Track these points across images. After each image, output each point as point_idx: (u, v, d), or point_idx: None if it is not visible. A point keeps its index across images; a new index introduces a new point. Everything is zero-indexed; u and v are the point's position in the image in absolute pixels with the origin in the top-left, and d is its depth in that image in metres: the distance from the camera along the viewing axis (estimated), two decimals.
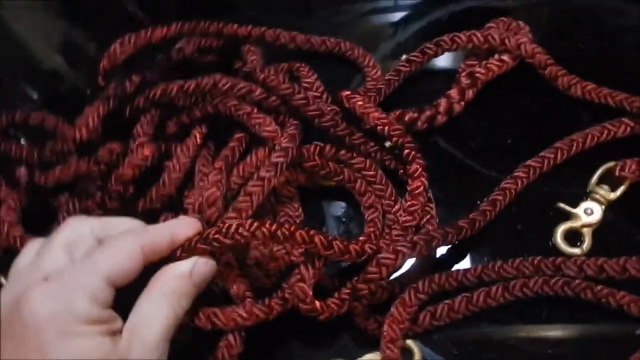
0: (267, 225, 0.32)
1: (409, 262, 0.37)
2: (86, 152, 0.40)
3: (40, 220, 0.41)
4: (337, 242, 0.34)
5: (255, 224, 0.32)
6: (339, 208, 0.41)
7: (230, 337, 0.33)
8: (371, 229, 0.38)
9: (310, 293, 0.34)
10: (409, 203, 0.37)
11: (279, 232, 0.32)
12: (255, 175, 0.35)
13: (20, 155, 0.40)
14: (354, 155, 0.39)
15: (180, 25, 0.42)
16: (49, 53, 0.52)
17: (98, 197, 0.37)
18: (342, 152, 0.39)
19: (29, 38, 0.52)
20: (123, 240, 0.29)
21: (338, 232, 0.40)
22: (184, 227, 0.31)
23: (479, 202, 0.39)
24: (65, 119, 0.42)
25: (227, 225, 0.32)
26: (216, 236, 0.32)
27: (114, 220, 0.31)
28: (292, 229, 0.33)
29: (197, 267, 0.31)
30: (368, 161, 0.39)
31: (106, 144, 0.38)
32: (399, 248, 0.34)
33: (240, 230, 0.32)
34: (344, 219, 0.41)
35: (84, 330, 0.27)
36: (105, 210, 0.36)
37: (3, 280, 0.40)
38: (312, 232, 0.33)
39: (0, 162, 0.43)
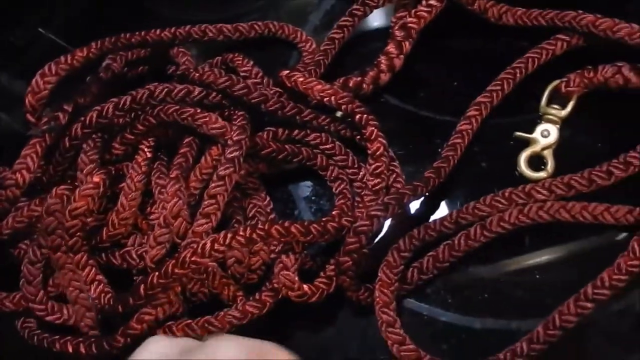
0: (241, 233, 0.32)
1: (387, 224, 0.37)
2: (35, 193, 0.38)
3: (6, 275, 0.40)
4: (315, 226, 0.34)
5: (230, 235, 0.31)
6: (305, 188, 0.41)
7: None
8: (342, 201, 0.38)
9: (296, 279, 0.34)
10: (373, 166, 0.37)
11: (254, 235, 0.32)
12: (215, 176, 0.34)
13: None
14: (308, 132, 0.39)
15: (100, 43, 0.41)
16: None
17: (58, 239, 0.35)
18: (296, 131, 0.39)
19: None
20: None
21: (310, 211, 0.40)
22: None
23: (440, 150, 0.39)
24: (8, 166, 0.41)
25: (201, 244, 0.31)
26: (193, 258, 0.31)
27: None
28: (266, 227, 0.32)
29: None
30: (323, 135, 0.39)
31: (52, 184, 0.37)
32: (373, 213, 0.34)
33: (216, 246, 0.31)
34: (313, 198, 0.40)
35: None
36: (69, 249, 0.35)
37: None
38: (286, 224, 0.33)
39: None
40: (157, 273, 0.31)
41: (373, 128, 0.37)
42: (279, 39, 0.45)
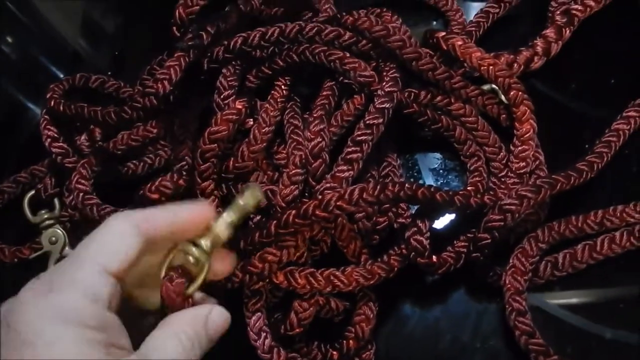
0: (390, 187, 0.30)
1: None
2: (158, 112, 0.37)
3: (111, 189, 0.39)
4: (459, 197, 0.31)
5: (379, 188, 0.29)
6: (433, 159, 0.38)
7: (366, 310, 0.31)
8: (477, 179, 0.36)
9: (428, 246, 0.32)
10: (520, 148, 0.35)
11: (401, 193, 0.30)
12: (362, 124, 0.32)
13: (94, 117, 0.37)
14: (452, 100, 0.37)
15: None
16: (72, 34, 0.49)
17: (189, 159, 0.34)
18: (438, 98, 0.37)
19: (52, 17, 0.50)
20: (113, 220, 0.24)
21: (436, 184, 0.38)
22: (188, 207, 0.26)
23: (587, 146, 0.36)
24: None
25: (349, 190, 0.29)
26: (338, 203, 0.29)
27: None
28: (414, 188, 0.30)
29: (213, 315, 0.26)
30: (467, 107, 0.37)
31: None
32: (523, 193, 0.32)
33: (365, 195, 0.29)
34: (440, 171, 0.38)
35: (75, 334, 0.21)
36: (200, 174, 0.33)
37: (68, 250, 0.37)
38: (432, 189, 0.31)
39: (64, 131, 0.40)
40: (294, 212, 0.29)
41: (526, 108, 0.35)
42: (425, 5, 0.43)
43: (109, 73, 0.44)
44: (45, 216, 0.37)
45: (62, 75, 0.47)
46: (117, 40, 0.49)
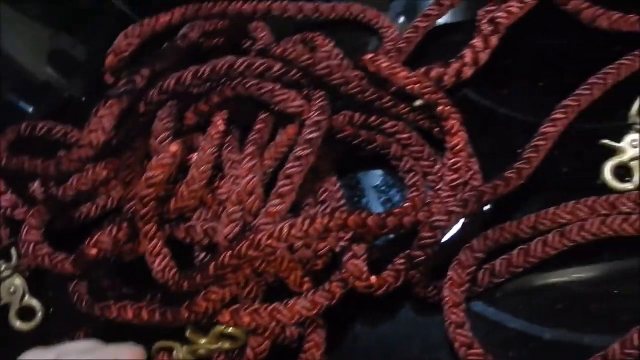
0: (318, 221, 0.31)
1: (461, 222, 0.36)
2: (105, 155, 0.38)
3: (67, 235, 0.40)
4: (392, 219, 0.32)
5: (307, 222, 0.30)
6: (376, 177, 0.40)
7: (315, 337, 0.32)
8: (415, 194, 0.37)
9: (365, 269, 0.33)
10: (452, 161, 0.36)
11: (331, 224, 0.31)
12: (292, 156, 0.34)
13: (34, 170, 0.38)
14: (385, 119, 0.38)
15: (183, 10, 0.40)
16: (40, 64, 0.49)
17: (127, 206, 0.35)
18: (372, 118, 0.38)
19: (17, 50, 0.50)
20: None
21: (379, 201, 0.39)
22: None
23: (519, 151, 0.37)
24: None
25: (278, 228, 0.30)
26: (268, 242, 0.30)
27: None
28: (343, 217, 0.31)
29: None
30: (400, 124, 0.38)
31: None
32: (451, 208, 0.33)
33: (293, 232, 0.30)
34: (383, 188, 0.39)
35: None
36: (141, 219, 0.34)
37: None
38: (363, 215, 0.32)
39: (13, 180, 0.41)
40: (229, 253, 0.31)
41: (455, 121, 0.36)
42: (359, 23, 0.44)
43: (83, 99, 0.44)
44: (2, 267, 0.38)
45: (31, 110, 0.47)
46: (90, 64, 0.49)
